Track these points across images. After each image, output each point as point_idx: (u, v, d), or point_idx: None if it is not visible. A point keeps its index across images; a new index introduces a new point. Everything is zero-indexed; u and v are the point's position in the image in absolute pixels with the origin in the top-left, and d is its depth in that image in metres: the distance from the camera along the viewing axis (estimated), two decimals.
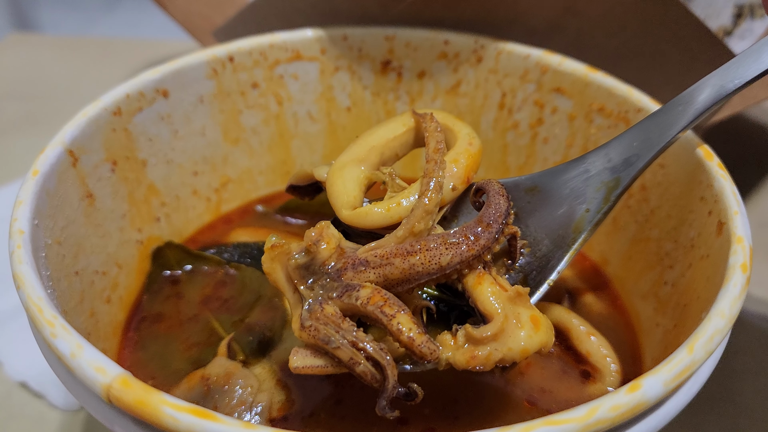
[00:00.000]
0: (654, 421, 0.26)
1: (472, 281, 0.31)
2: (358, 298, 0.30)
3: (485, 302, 0.31)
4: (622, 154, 0.36)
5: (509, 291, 0.31)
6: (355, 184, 0.36)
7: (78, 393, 0.28)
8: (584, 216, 0.36)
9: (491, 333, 0.30)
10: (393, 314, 0.29)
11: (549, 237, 0.37)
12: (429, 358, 0.29)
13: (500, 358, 0.30)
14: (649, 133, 0.36)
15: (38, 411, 0.45)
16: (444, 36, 0.50)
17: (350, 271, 0.31)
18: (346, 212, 0.35)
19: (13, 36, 1.01)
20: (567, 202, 0.37)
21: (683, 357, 0.26)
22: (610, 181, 0.36)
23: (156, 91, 0.44)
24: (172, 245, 0.46)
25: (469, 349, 0.30)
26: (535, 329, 0.31)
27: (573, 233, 0.36)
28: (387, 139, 0.38)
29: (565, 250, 0.36)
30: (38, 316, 0.28)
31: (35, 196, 0.34)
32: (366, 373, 0.29)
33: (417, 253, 0.30)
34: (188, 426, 0.23)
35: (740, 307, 0.29)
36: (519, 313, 0.31)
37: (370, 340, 0.29)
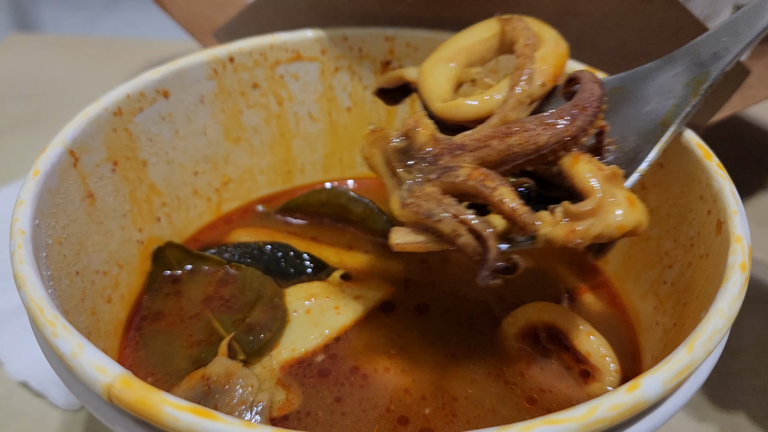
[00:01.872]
0: (653, 420, 0.26)
1: (568, 161, 0.31)
2: (458, 176, 0.30)
3: (583, 179, 0.31)
4: (710, 48, 0.36)
5: (605, 170, 0.31)
6: (446, 79, 0.37)
7: (79, 392, 0.28)
8: (672, 110, 0.36)
9: (591, 207, 0.30)
10: (495, 186, 0.29)
11: (635, 133, 0.36)
12: (530, 229, 0.29)
13: (599, 233, 0.30)
14: (737, 26, 0.36)
15: (39, 410, 0.45)
16: (444, 36, 0.50)
17: (447, 155, 0.31)
18: (438, 104, 0.36)
19: (15, 36, 1.01)
20: (653, 99, 0.37)
21: (682, 356, 0.26)
22: (699, 75, 0.36)
23: (157, 92, 0.44)
24: (172, 245, 0.46)
25: (568, 224, 0.30)
26: (631, 207, 0.31)
27: (661, 126, 0.36)
28: (474, 41, 0.39)
29: (653, 143, 0.35)
30: (39, 316, 0.28)
31: (36, 196, 0.34)
32: (468, 244, 0.29)
33: (514, 134, 0.31)
34: (189, 425, 0.23)
35: (739, 306, 0.29)
36: (615, 192, 0.31)
37: (472, 212, 0.29)
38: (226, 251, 0.46)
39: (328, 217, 0.50)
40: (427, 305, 0.42)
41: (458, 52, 0.39)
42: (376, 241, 0.48)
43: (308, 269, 0.45)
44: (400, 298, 0.43)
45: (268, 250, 0.46)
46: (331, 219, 0.50)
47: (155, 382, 0.38)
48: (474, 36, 0.39)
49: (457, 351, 0.39)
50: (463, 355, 0.39)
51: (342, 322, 0.41)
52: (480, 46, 0.39)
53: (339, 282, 0.44)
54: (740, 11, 0.37)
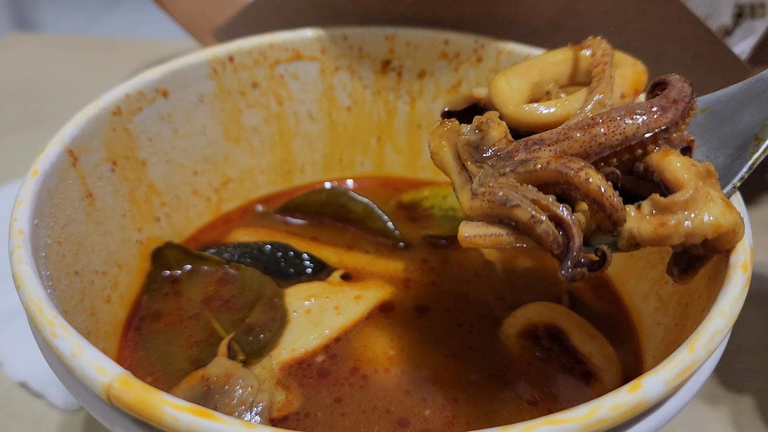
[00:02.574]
0: (655, 421, 0.26)
1: (658, 156, 0.29)
2: (537, 163, 0.28)
3: (675, 171, 0.28)
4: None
5: (699, 166, 0.29)
6: (519, 87, 0.35)
7: (78, 393, 0.27)
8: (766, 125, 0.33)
9: (684, 199, 0.27)
10: (580, 167, 0.27)
11: (725, 151, 0.34)
12: (619, 216, 0.27)
13: (691, 230, 0.27)
14: None
15: (38, 411, 0.45)
16: (444, 36, 0.50)
17: (522, 152, 0.29)
18: (512, 107, 0.33)
19: (14, 36, 1.01)
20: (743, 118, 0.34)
21: (684, 356, 0.26)
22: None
23: (156, 91, 0.44)
24: (171, 245, 0.46)
25: (656, 217, 0.28)
26: (728, 207, 0.28)
27: (755, 141, 0.33)
28: (548, 62, 0.37)
29: (746, 158, 0.33)
30: (38, 316, 0.28)
31: (35, 195, 0.34)
32: (548, 233, 0.27)
33: (600, 125, 0.28)
34: (188, 426, 0.23)
35: (741, 306, 0.29)
36: (710, 189, 0.28)
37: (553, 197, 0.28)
38: (226, 251, 0.46)
39: (328, 216, 0.50)
40: (427, 305, 0.42)
41: (530, 68, 0.37)
42: (376, 240, 0.48)
43: (308, 269, 0.45)
44: (400, 298, 0.43)
45: (267, 250, 0.45)
46: (330, 219, 0.50)
47: (154, 382, 0.38)
48: (548, 57, 0.38)
49: (457, 351, 0.39)
50: (463, 355, 0.39)
51: (342, 322, 0.41)
52: (553, 68, 0.37)
53: (339, 282, 0.44)
54: None
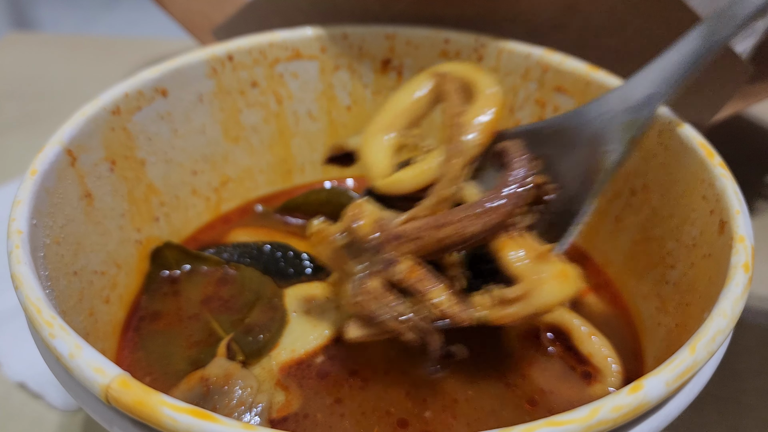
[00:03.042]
0: (656, 422, 0.26)
1: (498, 245, 0.33)
2: (398, 272, 0.32)
3: (511, 266, 0.32)
4: (641, 92, 0.37)
5: (535, 251, 0.33)
6: (384, 153, 0.39)
7: (76, 393, 0.27)
8: (605, 157, 0.37)
9: (519, 294, 0.32)
10: (429, 289, 0.31)
11: (576, 178, 0.38)
12: (466, 324, 0.32)
13: (531, 313, 0.32)
14: (665, 70, 0.36)
15: (37, 411, 0.44)
16: (445, 34, 0.50)
17: (389, 244, 0.33)
18: (379, 182, 0.38)
19: (12, 35, 1.01)
20: (590, 143, 0.38)
21: (685, 357, 0.26)
22: (628, 122, 0.37)
23: (155, 90, 0.44)
24: (170, 245, 0.45)
25: (499, 308, 0.32)
26: (561, 283, 0.32)
27: (599, 173, 0.37)
28: (410, 103, 0.40)
29: (591, 191, 0.37)
30: (36, 317, 0.27)
31: (34, 195, 0.34)
32: (412, 340, 0.32)
33: (446, 226, 0.32)
34: (187, 427, 0.23)
35: (742, 307, 0.29)
36: (546, 270, 0.32)
37: (414, 311, 0.32)
38: (225, 251, 0.46)
39: (328, 216, 0.50)
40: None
41: (395, 118, 0.40)
42: None
43: (308, 269, 0.45)
44: None
45: (267, 250, 0.45)
46: (330, 218, 0.50)
47: (153, 382, 0.38)
48: (408, 96, 0.40)
49: (458, 351, 0.39)
50: (464, 356, 0.39)
51: (342, 322, 0.40)
52: (416, 105, 0.40)
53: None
54: (670, 49, 0.36)
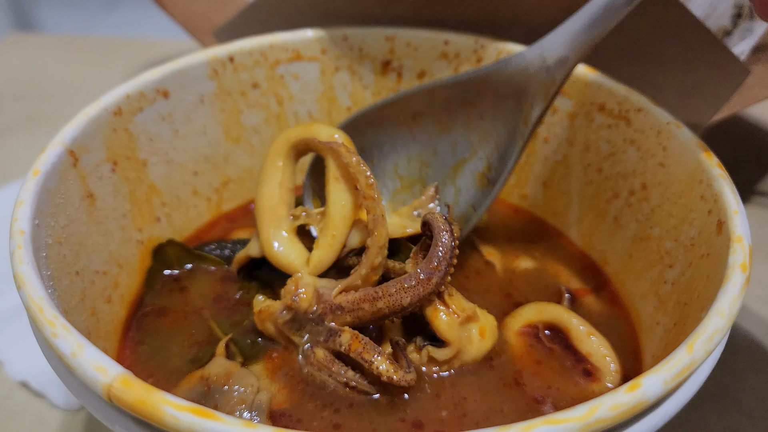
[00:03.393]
0: (654, 420, 0.26)
1: (430, 313, 0.36)
2: (341, 344, 0.35)
3: (442, 331, 0.36)
4: (555, 53, 0.40)
5: (462, 312, 0.37)
6: (291, 247, 0.41)
7: (79, 392, 0.28)
8: (529, 111, 0.40)
9: (449, 356, 0.37)
10: (372, 360, 0.34)
11: (504, 128, 0.41)
12: (408, 387, 0.35)
13: (459, 365, 0.37)
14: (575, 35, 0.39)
15: (39, 411, 0.45)
16: (444, 36, 0.50)
17: (330, 314, 0.36)
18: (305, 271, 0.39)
19: (14, 36, 1.01)
20: (514, 95, 0.41)
21: (683, 356, 0.26)
22: (547, 80, 0.40)
23: (157, 91, 0.44)
24: (173, 243, 0.46)
25: (433, 364, 0.37)
26: (482, 340, 0.38)
27: (523, 125, 0.41)
28: (279, 190, 0.42)
29: (518, 142, 0.41)
30: (39, 316, 0.28)
31: (36, 196, 0.34)
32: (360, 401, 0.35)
33: (381, 299, 0.35)
34: (189, 425, 0.23)
35: (740, 306, 0.29)
36: (470, 330, 0.37)
37: (358, 379, 0.35)
38: (226, 247, 0.46)
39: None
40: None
41: (275, 210, 0.41)
42: None
43: None
44: None
45: None
46: None
47: (155, 382, 0.38)
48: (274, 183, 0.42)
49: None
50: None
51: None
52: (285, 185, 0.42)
53: None
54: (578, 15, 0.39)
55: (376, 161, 0.46)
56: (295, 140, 0.42)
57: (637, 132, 0.43)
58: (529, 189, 0.52)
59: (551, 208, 0.51)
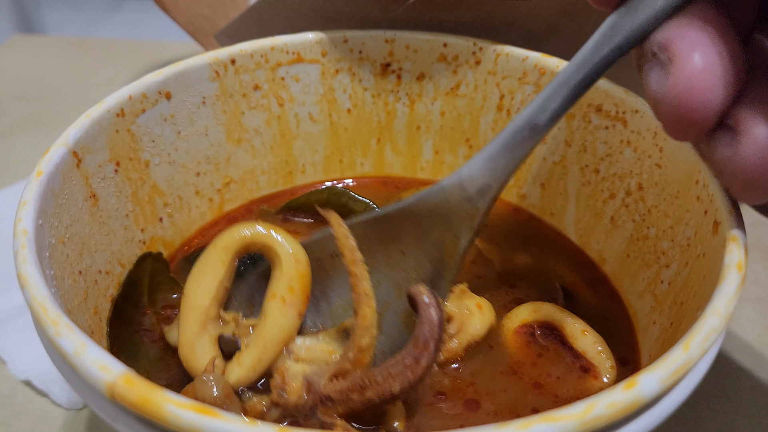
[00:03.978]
0: (650, 418, 0.27)
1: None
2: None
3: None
4: (475, 184, 0.37)
5: (454, 291, 0.39)
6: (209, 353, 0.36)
7: (82, 391, 0.28)
8: (453, 242, 0.38)
9: (456, 329, 0.37)
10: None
11: (430, 261, 0.39)
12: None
13: (467, 343, 0.38)
14: (497, 162, 0.37)
15: (42, 409, 0.45)
16: (443, 39, 0.50)
17: (321, 406, 0.34)
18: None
19: (17, 37, 1.02)
20: (437, 228, 0.39)
21: (679, 355, 0.27)
22: (471, 210, 0.38)
23: (159, 93, 0.44)
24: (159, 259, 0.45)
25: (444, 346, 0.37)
26: (482, 313, 0.39)
27: (449, 258, 0.39)
28: (216, 288, 0.37)
29: (446, 276, 0.39)
30: (42, 315, 0.28)
31: (39, 196, 0.34)
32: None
33: (369, 388, 0.33)
34: (192, 423, 0.24)
35: (735, 305, 0.29)
36: (467, 305, 0.38)
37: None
38: None
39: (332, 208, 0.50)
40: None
41: (206, 311, 0.37)
42: None
43: None
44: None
45: None
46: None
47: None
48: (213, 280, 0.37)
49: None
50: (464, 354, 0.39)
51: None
52: (223, 283, 0.38)
53: None
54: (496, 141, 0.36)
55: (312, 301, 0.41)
56: (250, 240, 0.38)
57: (633, 133, 0.43)
58: (526, 189, 0.52)
59: (548, 208, 0.51)
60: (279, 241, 0.38)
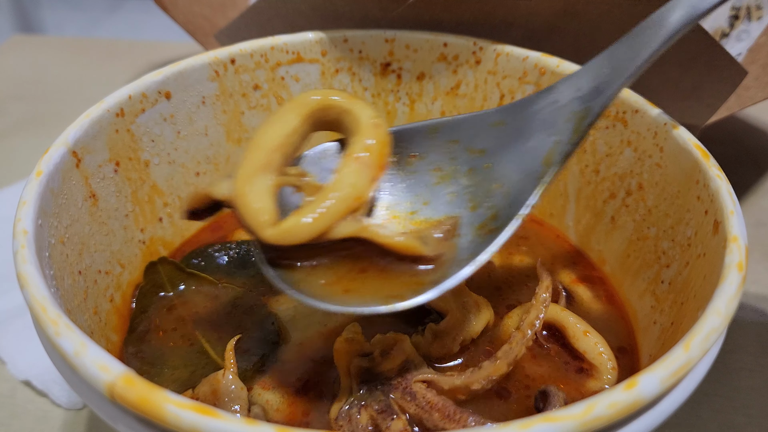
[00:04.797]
0: (651, 419, 0.27)
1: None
2: (389, 428, 0.32)
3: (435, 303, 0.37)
4: (592, 81, 0.35)
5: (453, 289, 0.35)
6: (268, 197, 0.33)
7: (82, 391, 0.28)
8: (555, 148, 0.35)
9: (451, 324, 0.37)
10: None
11: (519, 171, 0.36)
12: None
13: (463, 339, 0.37)
14: (619, 59, 0.35)
15: (42, 409, 0.45)
16: (443, 38, 0.50)
17: (399, 392, 0.33)
18: (270, 231, 0.33)
19: (17, 37, 1.02)
20: (536, 134, 0.36)
21: (679, 355, 0.27)
22: (580, 111, 0.35)
23: (159, 93, 0.44)
24: (165, 261, 0.44)
25: (438, 341, 0.37)
26: (478, 309, 0.38)
27: (543, 166, 0.35)
28: (285, 135, 0.35)
29: (535, 184, 0.35)
30: (42, 315, 0.28)
31: (39, 196, 0.34)
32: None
33: (455, 422, 0.32)
34: (191, 423, 0.24)
35: (736, 305, 0.29)
36: (464, 302, 0.38)
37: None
38: (230, 248, 0.46)
39: None
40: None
41: (271, 155, 0.34)
42: None
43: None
44: None
45: None
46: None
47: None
48: (284, 128, 0.35)
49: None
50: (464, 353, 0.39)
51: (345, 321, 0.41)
52: (292, 137, 0.35)
53: None
54: (622, 39, 0.35)
55: None
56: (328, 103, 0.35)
57: (633, 133, 0.43)
58: None
59: (549, 208, 0.51)
60: (360, 104, 0.35)
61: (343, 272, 0.34)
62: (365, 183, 0.34)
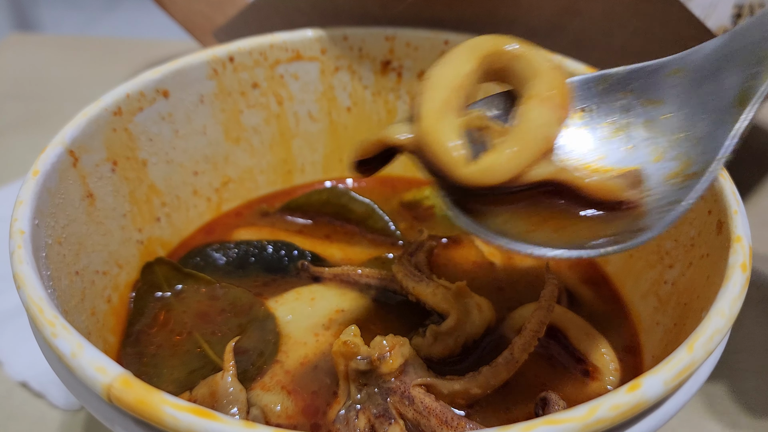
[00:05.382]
0: (654, 420, 0.26)
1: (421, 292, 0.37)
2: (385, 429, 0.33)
3: (438, 303, 0.37)
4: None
5: (451, 289, 0.37)
6: (457, 135, 0.31)
7: (78, 393, 0.28)
8: (750, 85, 0.33)
9: (452, 325, 0.37)
10: None
11: (707, 116, 0.34)
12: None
13: (464, 341, 0.37)
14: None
15: (39, 411, 0.45)
16: (444, 36, 0.50)
17: (398, 396, 0.33)
18: (468, 170, 0.30)
19: (14, 36, 1.01)
20: (723, 76, 0.34)
21: (683, 356, 0.26)
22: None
23: (156, 91, 0.44)
24: (162, 262, 0.44)
25: (439, 342, 0.37)
26: (481, 310, 0.38)
27: (738, 107, 0.33)
28: (465, 75, 0.32)
29: (730, 126, 0.33)
30: (39, 316, 0.28)
31: (36, 196, 0.34)
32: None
33: (452, 429, 0.32)
34: (189, 425, 0.23)
35: (740, 306, 0.29)
36: (466, 304, 0.37)
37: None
38: (229, 248, 0.46)
39: (329, 216, 0.50)
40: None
41: (452, 94, 0.32)
42: (378, 240, 0.48)
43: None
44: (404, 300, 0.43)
45: (270, 249, 0.45)
46: (331, 218, 0.50)
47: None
48: (461, 68, 0.33)
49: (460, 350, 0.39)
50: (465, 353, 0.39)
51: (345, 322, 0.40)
52: (471, 78, 0.33)
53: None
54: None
55: None
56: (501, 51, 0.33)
57: None
58: None
59: None
60: (533, 49, 0.33)
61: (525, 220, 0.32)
62: (555, 123, 0.32)
